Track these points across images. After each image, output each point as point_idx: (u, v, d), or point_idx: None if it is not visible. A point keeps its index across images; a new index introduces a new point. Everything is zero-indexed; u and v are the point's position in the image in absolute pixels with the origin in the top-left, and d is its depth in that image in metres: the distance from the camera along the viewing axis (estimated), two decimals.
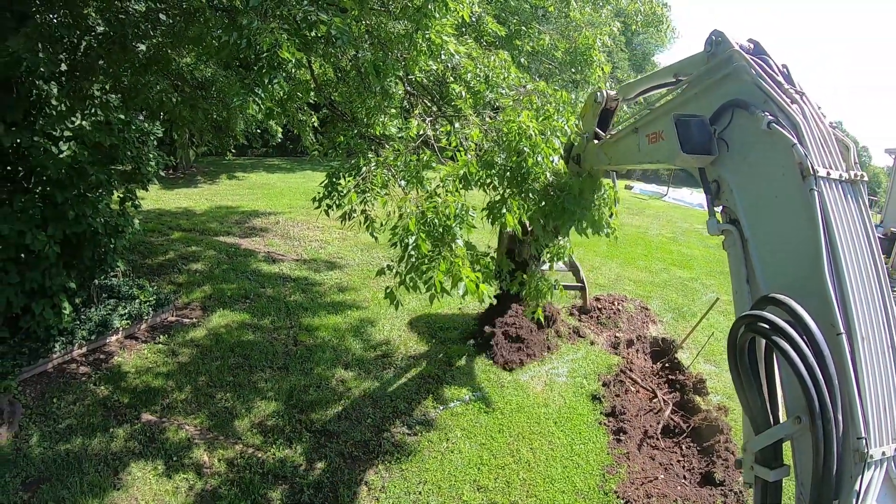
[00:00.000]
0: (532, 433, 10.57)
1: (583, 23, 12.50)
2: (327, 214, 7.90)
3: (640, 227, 29.98)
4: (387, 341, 13.37)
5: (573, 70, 11.84)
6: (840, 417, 4.15)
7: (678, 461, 10.48)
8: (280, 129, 25.00)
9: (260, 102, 6.50)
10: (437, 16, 7.32)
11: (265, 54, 6.14)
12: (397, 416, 10.65)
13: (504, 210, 7.12)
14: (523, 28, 11.96)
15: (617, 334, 14.80)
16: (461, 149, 7.41)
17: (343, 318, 14.31)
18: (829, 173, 4.70)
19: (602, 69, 11.82)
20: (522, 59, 11.40)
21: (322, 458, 9.44)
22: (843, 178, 4.78)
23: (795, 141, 4.72)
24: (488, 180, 7.40)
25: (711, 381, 13.03)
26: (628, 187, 51.30)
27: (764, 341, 4.68)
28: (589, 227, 8.59)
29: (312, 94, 10.54)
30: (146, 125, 12.57)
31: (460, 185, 6.99)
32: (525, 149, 6.95)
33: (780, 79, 5.24)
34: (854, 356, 4.31)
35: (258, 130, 26.45)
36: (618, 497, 9.29)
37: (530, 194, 7.27)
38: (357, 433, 10.06)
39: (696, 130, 5.58)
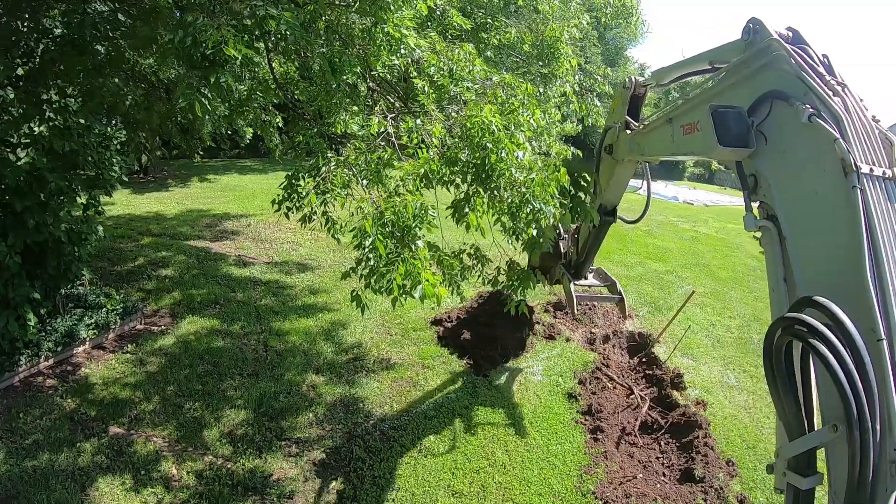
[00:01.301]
0: (507, 435, 10.43)
1: (552, 16, 12.37)
2: (287, 217, 7.71)
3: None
4: (359, 344, 13.16)
5: (541, 63, 11.68)
6: (878, 427, 3.94)
7: (657, 458, 10.40)
8: (250, 131, 24.67)
9: (207, 103, 6.23)
10: (393, 9, 7.12)
11: (210, 52, 5.93)
12: (369, 421, 10.46)
13: (467, 209, 6.94)
14: (489, 21, 11.81)
15: (593, 330, 14.70)
16: (422, 146, 7.20)
17: (314, 321, 14.08)
18: (871, 170, 4.46)
19: (570, 62, 11.69)
20: (489, 53, 11.22)
21: (293, 467, 9.25)
22: (887, 176, 4.54)
23: (838, 135, 4.50)
24: (451, 178, 7.22)
25: (689, 375, 12.97)
26: None
27: (800, 345, 4.51)
28: (555, 222, 8.41)
29: (274, 93, 10.32)
30: (108, 129, 12.28)
31: (421, 184, 6.80)
32: (488, 144, 6.77)
33: (821, 69, 5.01)
34: (895, 363, 4.11)
35: (228, 132, 26.05)
36: (596, 498, 9.17)
37: (495, 192, 7.08)
38: (328, 440, 9.88)
39: (734, 122, 5.38)
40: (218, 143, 28.27)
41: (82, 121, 11.02)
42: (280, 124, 17.34)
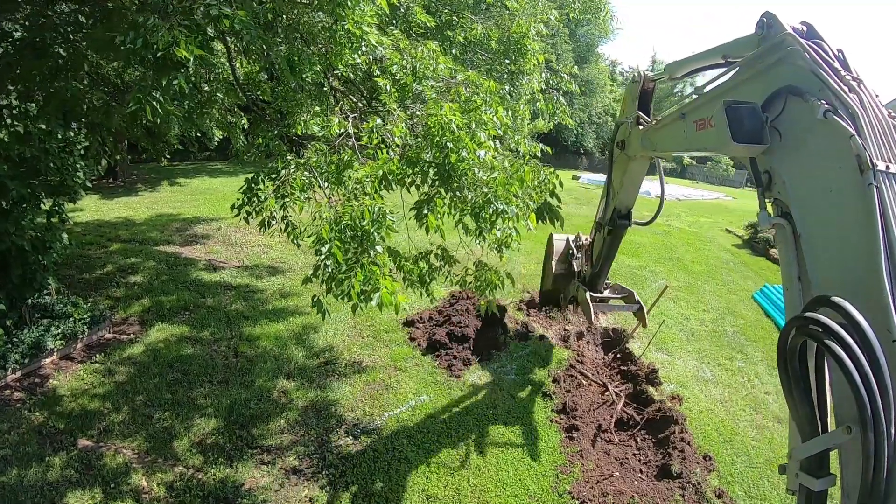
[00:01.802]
0: (481, 436, 10.34)
1: (520, 12, 12.28)
2: (247, 222, 7.58)
3: (588, 216, 29.71)
4: (330, 347, 13.02)
5: (507, 60, 11.59)
6: (892, 429, 3.90)
7: (634, 454, 10.36)
8: (219, 133, 24.37)
9: (159, 106, 6.07)
10: (351, 5, 6.99)
11: (160, 53, 5.77)
12: (341, 426, 10.32)
13: (426, 210, 6.83)
14: (455, 18, 11.69)
15: (566, 327, 14.64)
16: (382, 147, 7.07)
17: (285, 325, 13.92)
18: (888, 167, 4.42)
19: (537, 58, 11.60)
20: (455, 51, 11.11)
21: (265, 476, 9.09)
22: None
23: (853, 132, 4.46)
24: (412, 178, 7.10)
25: (664, 370, 12.96)
26: (575, 177, 51.54)
27: (815, 345, 4.48)
28: (520, 222, 8.29)
29: (235, 94, 10.14)
30: (70, 134, 12.05)
31: (380, 186, 6.68)
32: (448, 144, 6.65)
33: (837, 65, 4.98)
34: None
35: (197, 135, 25.73)
36: (573, 497, 9.11)
37: (458, 192, 6.96)
38: (300, 446, 9.74)
39: (747, 118, 5.36)
40: (186, 145, 27.90)
41: (43, 126, 10.81)
42: (245, 126, 17.14)
